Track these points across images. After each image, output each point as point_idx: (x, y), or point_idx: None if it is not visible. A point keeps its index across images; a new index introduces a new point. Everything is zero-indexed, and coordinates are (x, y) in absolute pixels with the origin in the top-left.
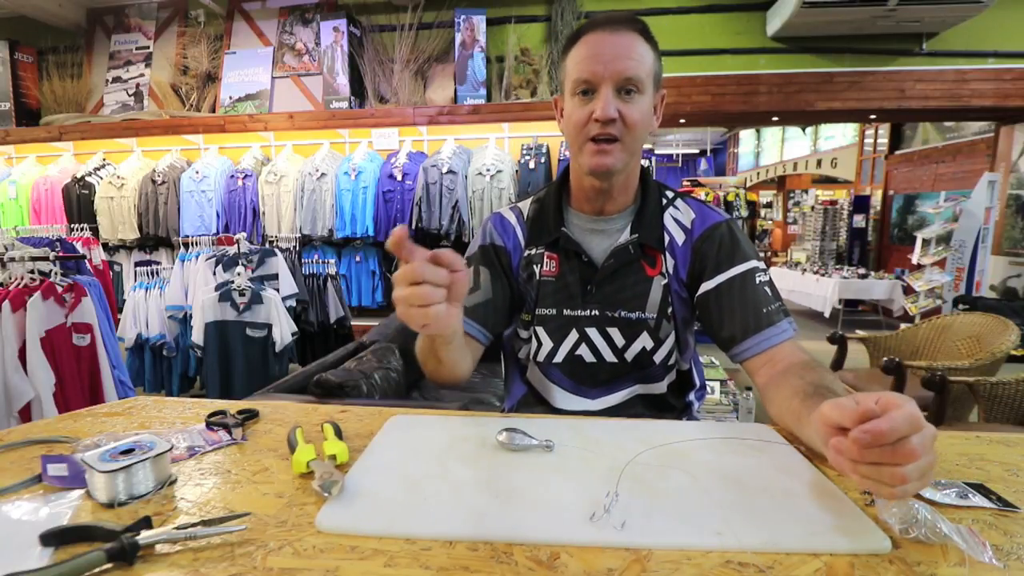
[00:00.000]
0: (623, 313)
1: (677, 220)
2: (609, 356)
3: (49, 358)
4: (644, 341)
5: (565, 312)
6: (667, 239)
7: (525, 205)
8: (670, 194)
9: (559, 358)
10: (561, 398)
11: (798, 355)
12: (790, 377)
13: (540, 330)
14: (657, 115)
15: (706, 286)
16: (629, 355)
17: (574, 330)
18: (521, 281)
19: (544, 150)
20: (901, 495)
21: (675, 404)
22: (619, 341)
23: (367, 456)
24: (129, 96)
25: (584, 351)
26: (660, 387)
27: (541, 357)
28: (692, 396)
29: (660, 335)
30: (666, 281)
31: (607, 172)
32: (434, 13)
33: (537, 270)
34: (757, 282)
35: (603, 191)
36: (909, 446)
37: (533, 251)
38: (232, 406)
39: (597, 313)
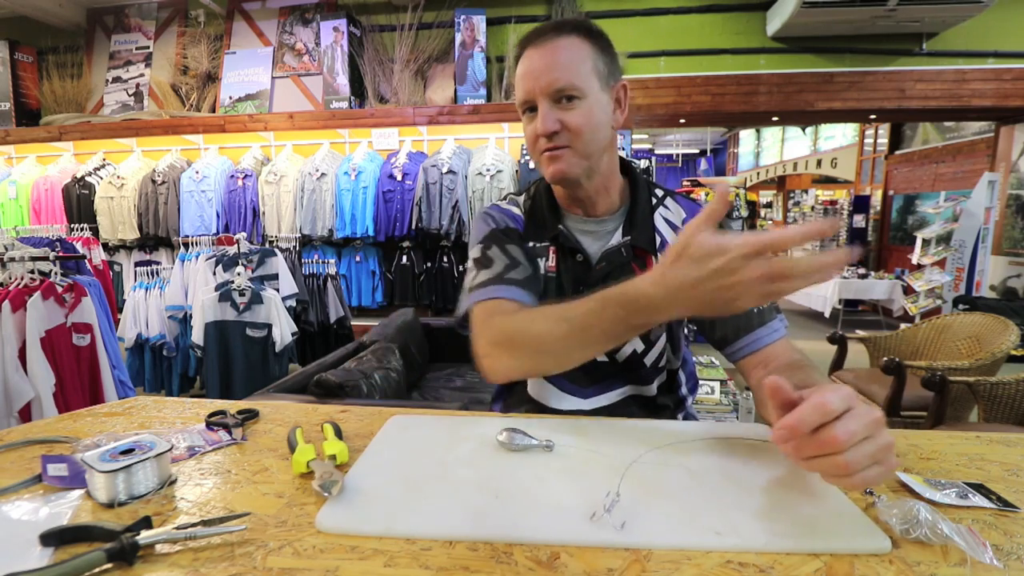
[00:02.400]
0: None
1: (668, 220)
2: (600, 355)
3: (49, 358)
4: (634, 343)
5: None
6: (659, 240)
7: (520, 200)
8: (660, 193)
9: None
10: (555, 397)
11: (788, 355)
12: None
13: None
14: (622, 108)
15: None
16: (620, 356)
17: None
18: None
19: None
20: (862, 484)
21: (668, 403)
22: None
23: (367, 456)
24: (129, 96)
25: None
26: (651, 389)
27: None
28: (684, 391)
29: (651, 337)
30: None
31: (564, 178)
32: (434, 13)
33: (542, 264)
34: None
35: (578, 198)
36: (826, 434)
37: (537, 245)
38: (232, 406)
39: None
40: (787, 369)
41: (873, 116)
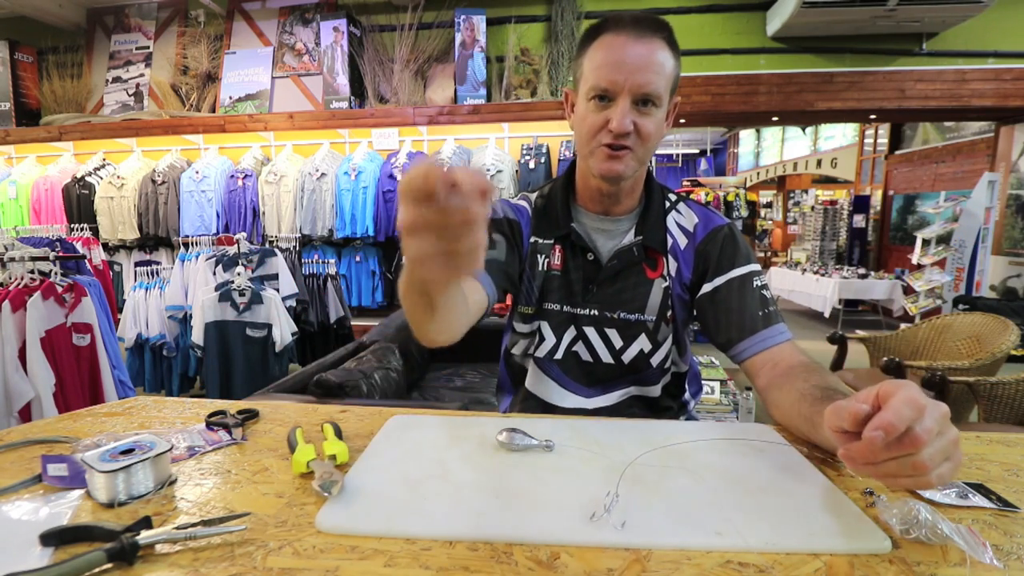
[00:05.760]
0: (622, 314)
1: (680, 224)
2: (606, 357)
3: (49, 358)
4: (642, 343)
5: (566, 308)
6: (670, 242)
7: (532, 196)
8: (673, 197)
9: (559, 354)
10: (557, 394)
11: (797, 356)
12: (794, 380)
13: (544, 325)
14: (668, 122)
15: (706, 288)
16: (626, 358)
17: (572, 327)
18: (526, 268)
19: (544, 150)
20: (938, 482)
21: (671, 405)
22: (617, 343)
23: (367, 456)
24: (129, 96)
25: (580, 349)
26: (655, 390)
27: (542, 353)
28: (688, 395)
29: (658, 338)
30: (667, 284)
31: (618, 178)
32: (434, 13)
33: (541, 261)
34: (755, 285)
35: (610, 195)
36: (913, 433)
37: (540, 241)
38: (232, 406)
39: (596, 313)
40: (802, 372)
41: (873, 116)
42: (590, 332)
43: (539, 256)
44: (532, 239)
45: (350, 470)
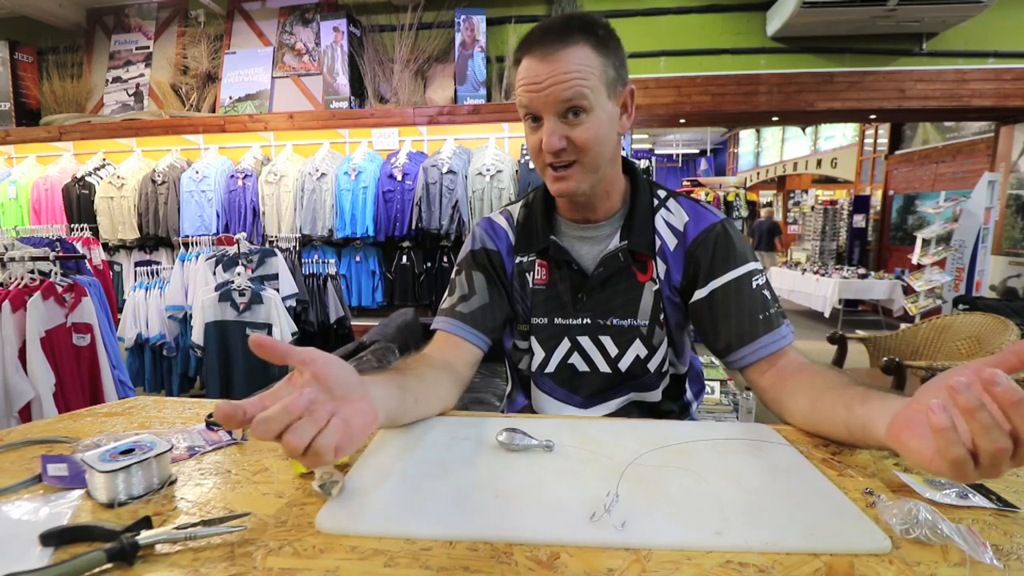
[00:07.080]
0: (615, 321)
1: (669, 224)
2: (603, 366)
3: (49, 358)
4: (638, 349)
5: (556, 321)
6: (658, 244)
7: (515, 209)
8: (662, 194)
9: (551, 367)
10: (553, 407)
11: (800, 359)
12: (813, 376)
13: (533, 340)
14: (629, 113)
15: (699, 293)
16: (623, 365)
17: (566, 339)
18: (515, 289)
19: None
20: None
21: (672, 408)
22: (612, 350)
23: (367, 456)
24: (129, 96)
25: (576, 360)
26: (655, 395)
27: (534, 367)
28: (689, 396)
29: (653, 342)
30: (657, 287)
31: (571, 195)
32: (434, 13)
33: (529, 278)
34: (753, 286)
35: (581, 204)
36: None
37: (524, 258)
38: None
39: (589, 321)
40: (818, 368)
41: (873, 116)
42: (584, 341)
43: (526, 274)
44: (516, 259)
45: (350, 470)
